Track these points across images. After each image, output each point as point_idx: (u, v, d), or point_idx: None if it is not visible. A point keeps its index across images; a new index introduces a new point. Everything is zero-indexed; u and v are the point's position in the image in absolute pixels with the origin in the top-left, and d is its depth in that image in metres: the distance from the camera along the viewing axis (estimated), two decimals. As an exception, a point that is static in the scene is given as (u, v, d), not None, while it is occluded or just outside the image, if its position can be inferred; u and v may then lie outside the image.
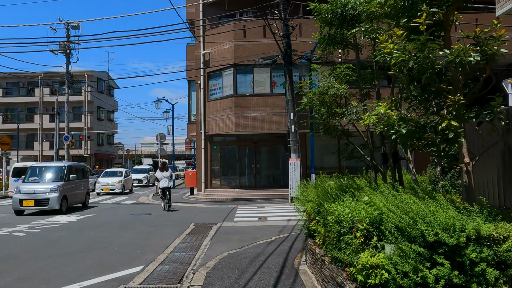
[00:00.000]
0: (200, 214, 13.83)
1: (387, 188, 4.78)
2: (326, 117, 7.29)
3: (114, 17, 22.59)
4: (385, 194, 4.37)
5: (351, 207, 4.40)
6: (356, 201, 4.85)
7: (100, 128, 51.53)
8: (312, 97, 7.32)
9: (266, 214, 13.38)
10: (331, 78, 6.82)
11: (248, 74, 19.62)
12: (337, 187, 6.37)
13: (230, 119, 19.49)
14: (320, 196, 5.93)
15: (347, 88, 6.62)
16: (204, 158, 20.72)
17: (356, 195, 5.17)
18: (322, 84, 6.73)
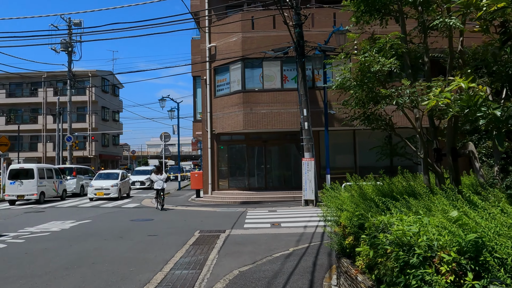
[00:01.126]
0: (206, 220, 12.56)
1: (464, 197, 3.45)
2: (365, 102, 5.91)
3: (114, 8, 21.42)
4: (481, 208, 3.02)
5: (420, 223, 3.08)
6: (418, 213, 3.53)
7: (104, 129, 50.54)
8: (346, 76, 5.92)
9: (279, 220, 12.07)
10: (373, 51, 5.45)
11: (256, 68, 18.33)
12: (381, 192, 5.03)
13: (238, 116, 18.21)
14: (359, 204, 4.61)
15: (396, 62, 5.23)
16: (211, 158, 19.47)
17: (413, 204, 3.85)
18: (363, 58, 5.35)
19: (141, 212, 15.36)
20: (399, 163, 19.39)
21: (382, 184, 6.09)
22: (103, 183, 21.11)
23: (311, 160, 16.08)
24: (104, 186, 20.81)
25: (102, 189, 20.71)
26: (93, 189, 20.86)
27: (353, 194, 5.49)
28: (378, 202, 4.20)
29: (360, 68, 5.52)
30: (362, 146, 19.50)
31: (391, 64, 5.16)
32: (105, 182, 21.14)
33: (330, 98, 17.48)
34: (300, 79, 16.33)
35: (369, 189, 5.73)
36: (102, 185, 20.85)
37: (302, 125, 16.31)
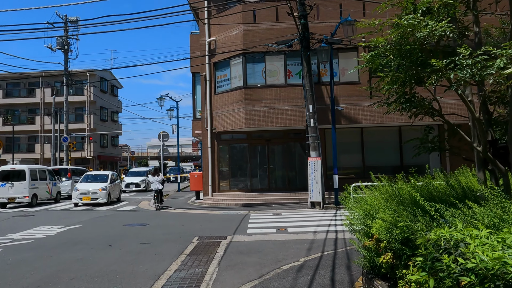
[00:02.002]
0: (206, 224, 11.58)
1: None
2: (405, 81, 4.92)
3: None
4: None
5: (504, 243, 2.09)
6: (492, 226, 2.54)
7: (103, 129, 49.61)
8: (383, 43, 4.85)
9: (285, 224, 11.08)
10: (417, 13, 4.40)
11: (259, 62, 17.35)
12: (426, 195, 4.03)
13: (239, 114, 17.24)
14: (399, 211, 3.60)
15: (450, 26, 4.17)
16: (211, 159, 18.49)
17: (479, 212, 2.87)
18: (405, 21, 4.27)
19: (137, 215, 14.39)
20: (411, 162, 18.47)
21: (422, 185, 5.07)
22: (89, 186, 19.04)
23: (317, 159, 15.09)
24: (91, 190, 18.77)
25: (89, 193, 18.70)
26: (78, 193, 18.73)
27: (387, 198, 4.49)
28: (429, 209, 3.19)
29: (401, 35, 4.46)
30: (370, 145, 18.51)
31: (444, 28, 4.07)
32: (92, 185, 19.09)
33: (337, 94, 16.50)
34: (305, 74, 15.36)
35: (404, 191, 4.73)
36: (89, 189, 18.79)
37: (308, 123, 15.33)
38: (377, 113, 16.76)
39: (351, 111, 16.83)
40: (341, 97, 16.80)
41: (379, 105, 5.62)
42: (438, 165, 18.60)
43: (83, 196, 18.68)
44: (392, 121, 16.74)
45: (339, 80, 16.94)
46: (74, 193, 19.01)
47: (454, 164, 18.37)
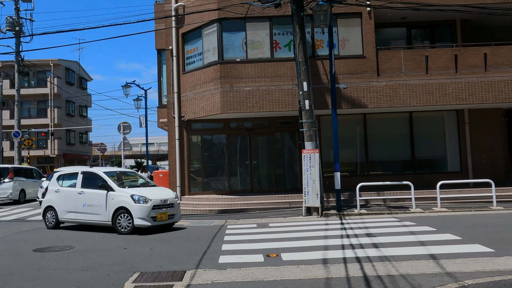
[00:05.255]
0: (161, 245, 7.98)
1: None
2: None
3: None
4: None
5: None
6: None
7: (70, 125, 45.20)
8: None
9: (277, 244, 7.59)
10: None
11: (238, 31, 13.79)
12: None
13: (213, 96, 13.65)
14: None
15: None
16: (179, 153, 14.84)
17: None
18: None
19: (70, 231, 10.62)
20: (424, 155, 15.18)
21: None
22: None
23: (314, 152, 11.64)
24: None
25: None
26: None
27: None
28: None
29: None
30: (374, 136, 15.22)
31: None
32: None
33: (337, 71, 13.08)
34: (298, 41, 11.87)
35: None
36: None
37: (302, 105, 11.87)
38: (386, 94, 13.45)
39: (354, 92, 13.44)
40: (341, 74, 13.41)
41: None
42: (457, 157, 15.48)
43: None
44: (404, 105, 13.48)
45: (338, 53, 13.54)
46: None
47: (476, 155, 15.24)
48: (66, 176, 11.09)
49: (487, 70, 13.50)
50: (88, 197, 10.05)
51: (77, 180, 10.44)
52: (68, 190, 10.60)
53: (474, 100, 13.47)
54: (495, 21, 15.47)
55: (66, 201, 10.38)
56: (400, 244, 7.12)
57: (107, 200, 9.69)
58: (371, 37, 13.63)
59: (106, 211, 9.68)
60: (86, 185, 10.25)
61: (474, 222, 9.20)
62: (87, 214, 10.02)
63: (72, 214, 10.28)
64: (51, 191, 10.91)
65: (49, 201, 10.79)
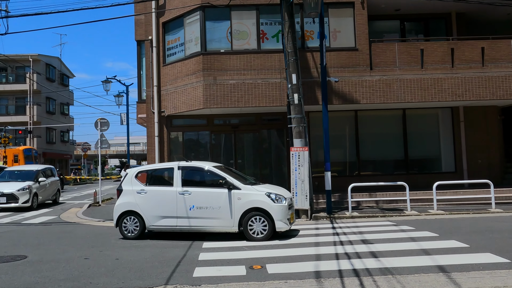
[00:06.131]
0: (130, 254, 6.99)
1: None
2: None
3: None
4: None
5: None
6: None
7: (50, 123, 43.61)
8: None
9: (261, 252, 6.69)
10: None
11: (223, 20, 12.86)
12: None
13: (196, 90, 12.69)
14: None
15: None
16: (159, 151, 13.83)
17: None
18: None
19: (34, 234, 9.55)
20: (418, 155, 14.46)
21: None
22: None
23: (304, 150, 10.78)
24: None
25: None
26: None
27: None
28: None
29: None
30: (366, 134, 14.45)
31: None
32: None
33: (328, 64, 12.24)
34: (286, 30, 11.01)
35: None
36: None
37: (290, 99, 11.00)
38: (379, 89, 12.67)
39: (346, 86, 12.63)
40: (332, 68, 12.58)
41: None
42: (451, 157, 14.80)
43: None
44: (398, 100, 12.72)
45: (329, 45, 12.70)
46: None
47: (471, 155, 14.58)
48: (150, 173, 8.89)
49: (485, 65, 12.84)
50: (198, 198, 8.02)
51: (173, 177, 8.32)
52: (161, 190, 8.37)
53: (471, 97, 12.79)
54: (491, 15, 14.87)
55: (159, 204, 8.20)
56: (401, 253, 6.29)
57: (231, 200, 7.86)
58: (364, 28, 12.83)
59: (230, 214, 7.83)
60: (189, 183, 8.27)
61: (477, 227, 8.45)
62: (197, 219, 7.98)
63: (170, 220, 8.10)
64: (129, 193, 8.49)
65: (129, 204, 8.38)
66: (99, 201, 16.89)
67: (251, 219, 7.79)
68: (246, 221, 7.80)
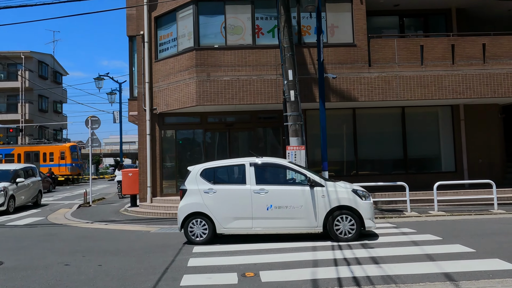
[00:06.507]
0: (110, 261, 6.55)
1: None
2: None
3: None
4: None
5: None
6: None
7: (43, 121, 42.95)
8: None
9: (256, 256, 6.28)
10: None
11: (217, 15, 12.42)
12: None
13: (188, 86, 12.25)
14: None
15: None
16: (151, 150, 13.38)
17: None
18: None
19: (18, 237, 9.08)
20: (417, 154, 14.07)
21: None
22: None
23: (300, 148, 10.38)
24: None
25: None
26: None
27: None
28: None
29: None
30: (364, 133, 14.07)
31: None
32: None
33: (325, 60, 11.84)
34: (283, 25, 10.60)
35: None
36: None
37: (287, 96, 10.59)
38: (378, 86, 12.29)
39: (344, 83, 12.23)
40: (329, 64, 12.18)
41: None
42: (451, 157, 14.44)
43: None
44: (397, 98, 12.35)
45: (327, 41, 12.29)
46: None
47: (472, 154, 14.23)
48: (218, 171, 8.08)
49: (486, 62, 12.48)
50: (275, 197, 7.40)
51: (245, 174, 7.62)
52: (233, 189, 7.62)
53: (472, 94, 12.43)
54: (492, 12, 14.53)
55: (232, 205, 7.50)
56: (404, 258, 5.89)
57: (314, 198, 7.29)
58: (362, 23, 12.43)
59: (314, 214, 7.28)
60: (264, 180, 7.63)
61: (482, 229, 8.08)
62: (275, 220, 7.38)
63: (245, 222, 7.44)
64: (194, 193, 7.69)
65: (195, 205, 7.60)
66: (89, 202, 16.43)
67: (337, 218, 7.27)
68: (331, 221, 7.27)
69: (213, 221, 7.53)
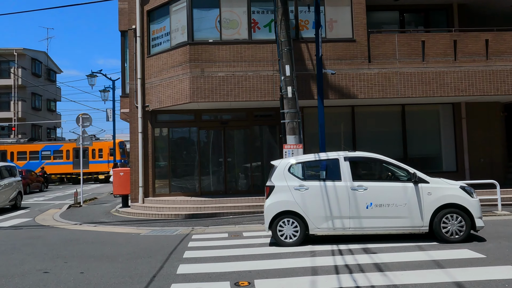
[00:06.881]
0: (93, 268, 6.09)
1: None
2: None
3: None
4: None
5: None
6: None
7: (36, 119, 42.27)
8: None
9: (250, 263, 5.85)
10: None
11: (211, 8, 11.97)
12: None
13: (182, 82, 11.80)
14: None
15: None
16: (143, 149, 12.92)
17: None
18: None
19: (1, 240, 8.61)
20: (418, 153, 13.66)
21: None
22: None
23: (298, 147, 9.95)
24: None
25: None
26: None
27: None
28: None
29: None
30: (363, 132, 13.66)
31: None
32: None
33: (323, 56, 11.42)
34: (280, 18, 10.17)
35: None
36: None
37: (284, 92, 10.17)
38: (378, 83, 11.89)
39: (343, 80, 11.82)
40: (328, 60, 11.76)
41: None
42: (452, 156, 14.06)
43: None
44: (398, 95, 11.95)
45: (325, 36, 11.87)
46: None
47: (473, 153, 13.87)
48: (308, 166, 7.55)
49: (489, 58, 12.10)
50: (375, 195, 6.87)
51: (339, 170, 7.08)
52: (327, 186, 7.02)
53: (475, 92, 12.05)
54: (494, 7, 14.15)
55: (326, 203, 6.93)
56: (410, 265, 5.47)
57: (419, 196, 6.78)
58: (362, 18, 12.02)
59: (420, 212, 6.78)
60: (360, 176, 7.21)
61: (488, 232, 7.66)
62: (375, 220, 6.86)
63: (341, 221, 6.90)
64: (283, 189, 7.07)
65: (285, 204, 7.02)
66: (80, 202, 15.94)
67: (444, 217, 6.76)
68: (438, 220, 6.75)
69: (305, 221, 6.94)
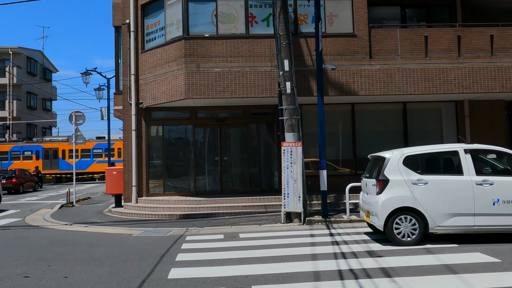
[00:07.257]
0: (79, 272, 5.68)
1: None
2: None
3: None
4: None
5: None
6: None
7: (31, 119, 41.76)
8: None
9: (247, 266, 5.45)
10: None
11: (207, 2, 11.56)
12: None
13: (177, 78, 11.38)
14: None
15: None
16: (136, 147, 12.50)
17: None
18: None
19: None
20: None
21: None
22: None
23: (296, 145, 9.56)
24: None
25: None
26: None
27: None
28: None
29: None
30: (363, 130, 13.27)
31: None
32: None
33: (325, 50, 11.04)
34: (278, 11, 9.77)
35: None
36: None
37: (282, 88, 9.77)
38: (380, 79, 11.51)
39: (343, 76, 11.43)
40: (328, 55, 11.37)
41: None
42: (456, 157, 13.71)
43: None
44: (400, 92, 11.58)
45: (325, 31, 11.48)
46: None
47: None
48: (424, 158, 6.98)
49: (494, 54, 11.75)
50: (503, 190, 6.45)
51: (460, 163, 6.63)
52: (449, 181, 6.55)
53: (479, 89, 11.69)
54: (498, 4, 13.78)
55: (449, 199, 6.47)
56: (420, 270, 5.08)
57: None
58: (363, 13, 11.64)
59: None
60: (482, 170, 6.76)
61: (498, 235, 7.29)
62: (504, 217, 6.44)
63: (465, 219, 6.45)
64: (399, 184, 6.59)
65: (402, 199, 6.54)
66: (73, 202, 15.51)
67: None
68: None
69: (425, 218, 6.48)
